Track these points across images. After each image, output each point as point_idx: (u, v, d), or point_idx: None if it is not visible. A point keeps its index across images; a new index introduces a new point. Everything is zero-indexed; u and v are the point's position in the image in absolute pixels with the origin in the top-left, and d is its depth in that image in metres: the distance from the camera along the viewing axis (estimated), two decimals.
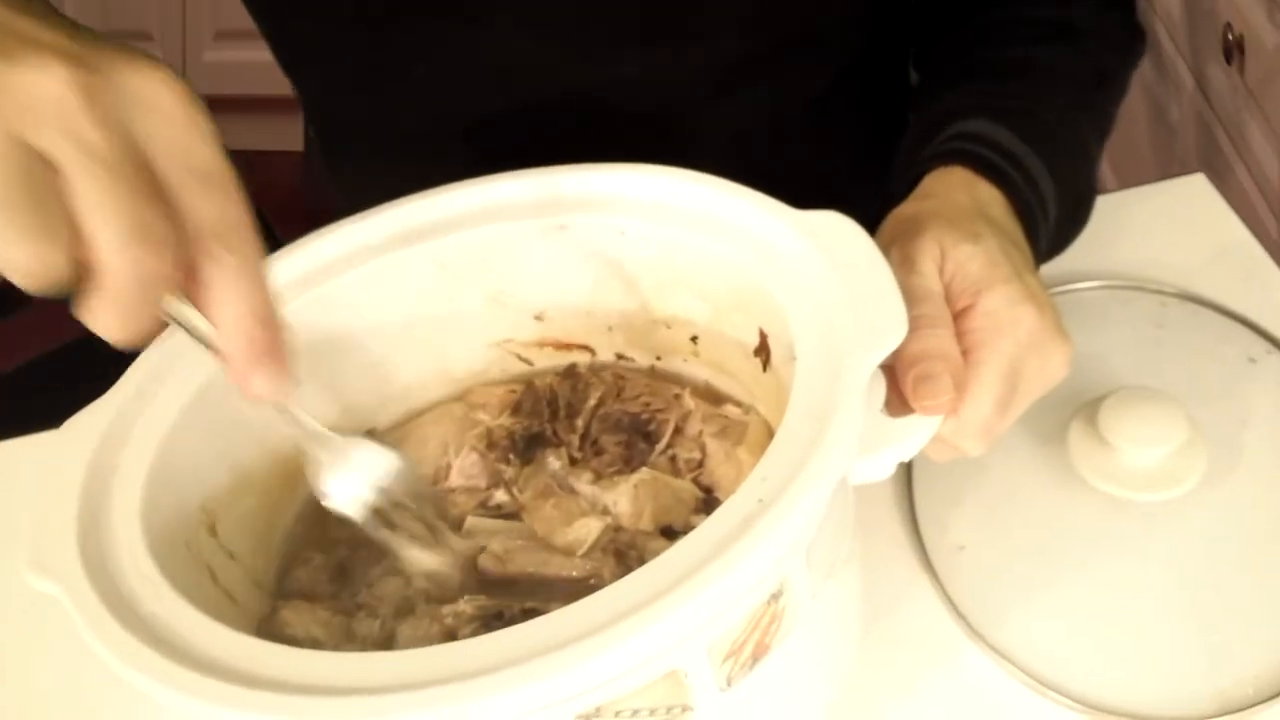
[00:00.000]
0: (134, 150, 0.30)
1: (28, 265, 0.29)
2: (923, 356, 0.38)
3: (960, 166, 0.47)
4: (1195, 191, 0.65)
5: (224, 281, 0.31)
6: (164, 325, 0.32)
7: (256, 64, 0.68)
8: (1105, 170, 1.29)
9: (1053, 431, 0.51)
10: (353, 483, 0.37)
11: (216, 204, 0.31)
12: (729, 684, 0.35)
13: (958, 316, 0.41)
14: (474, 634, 0.36)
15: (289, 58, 0.64)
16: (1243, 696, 0.43)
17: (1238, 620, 0.46)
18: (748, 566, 0.32)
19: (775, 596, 0.35)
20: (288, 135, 0.71)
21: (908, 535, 0.50)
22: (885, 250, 0.42)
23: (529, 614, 0.38)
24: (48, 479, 0.39)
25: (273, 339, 0.32)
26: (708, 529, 0.33)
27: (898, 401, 0.39)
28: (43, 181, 0.29)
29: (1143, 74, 0.87)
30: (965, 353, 0.40)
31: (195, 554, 0.41)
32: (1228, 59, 1.04)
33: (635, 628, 0.30)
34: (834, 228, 0.41)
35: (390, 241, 0.46)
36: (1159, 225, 0.62)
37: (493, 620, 0.38)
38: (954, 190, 0.46)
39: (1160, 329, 0.57)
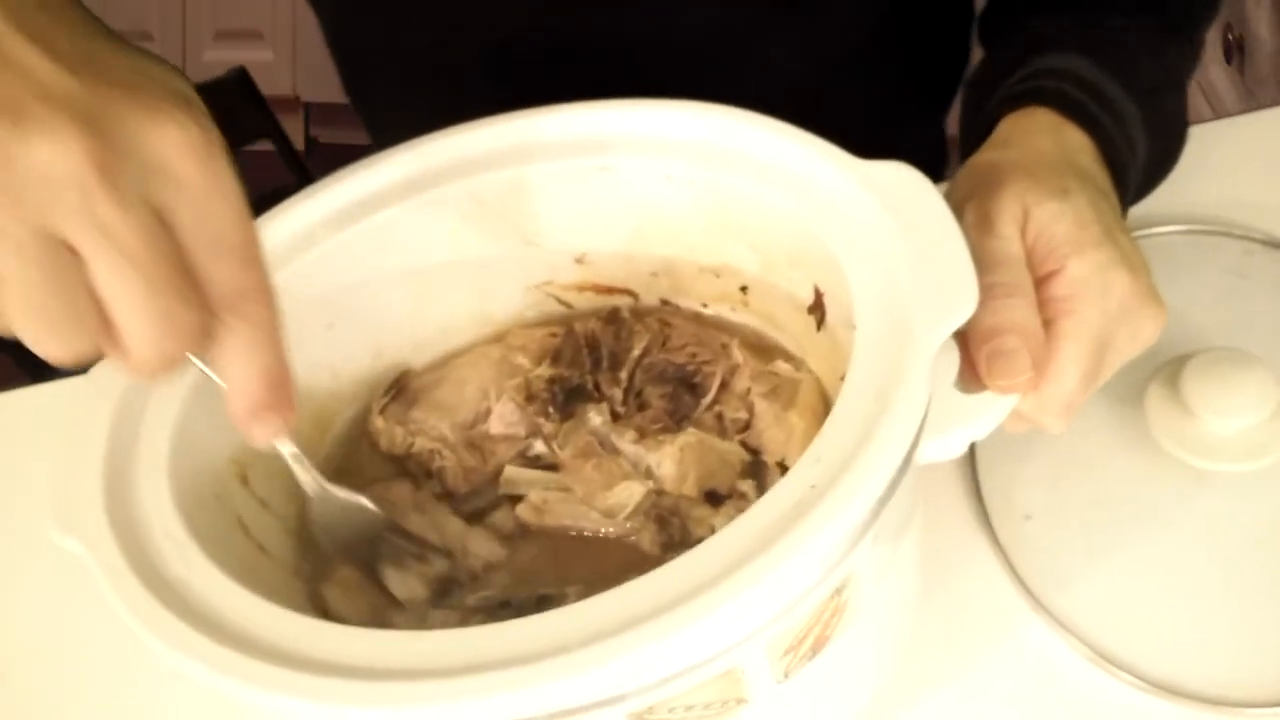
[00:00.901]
0: (155, 227, 0.29)
1: (57, 354, 0.30)
2: (998, 330, 0.35)
3: (1044, 108, 0.43)
4: (1277, 125, 0.60)
5: (236, 347, 0.32)
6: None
7: (256, 64, 0.65)
8: None
9: (1128, 393, 0.48)
10: (338, 528, 0.39)
11: (234, 272, 0.31)
12: (786, 676, 0.33)
13: (1042, 282, 0.37)
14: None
15: None
16: None
17: None
18: (800, 562, 0.30)
19: (839, 590, 0.33)
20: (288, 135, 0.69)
21: (970, 502, 0.48)
22: (961, 205, 0.39)
23: (542, 603, 0.37)
24: (72, 429, 0.38)
25: (275, 399, 0.33)
26: (755, 517, 0.31)
27: (971, 375, 0.36)
28: (67, 272, 0.29)
29: None
30: (1049, 323, 0.37)
31: (226, 506, 0.39)
32: (1228, 59, 1.00)
33: (691, 628, 0.29)
34: (900, 181, 0.37)
35: (427, 177, 0.43)
36: (1242, 162, 0.57)
37: (498, 610, 0.37)
38: (1038, 135, 0.42)
39: (1244, 279, 0.53)
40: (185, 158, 0.29)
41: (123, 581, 0.33)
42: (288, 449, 0.37)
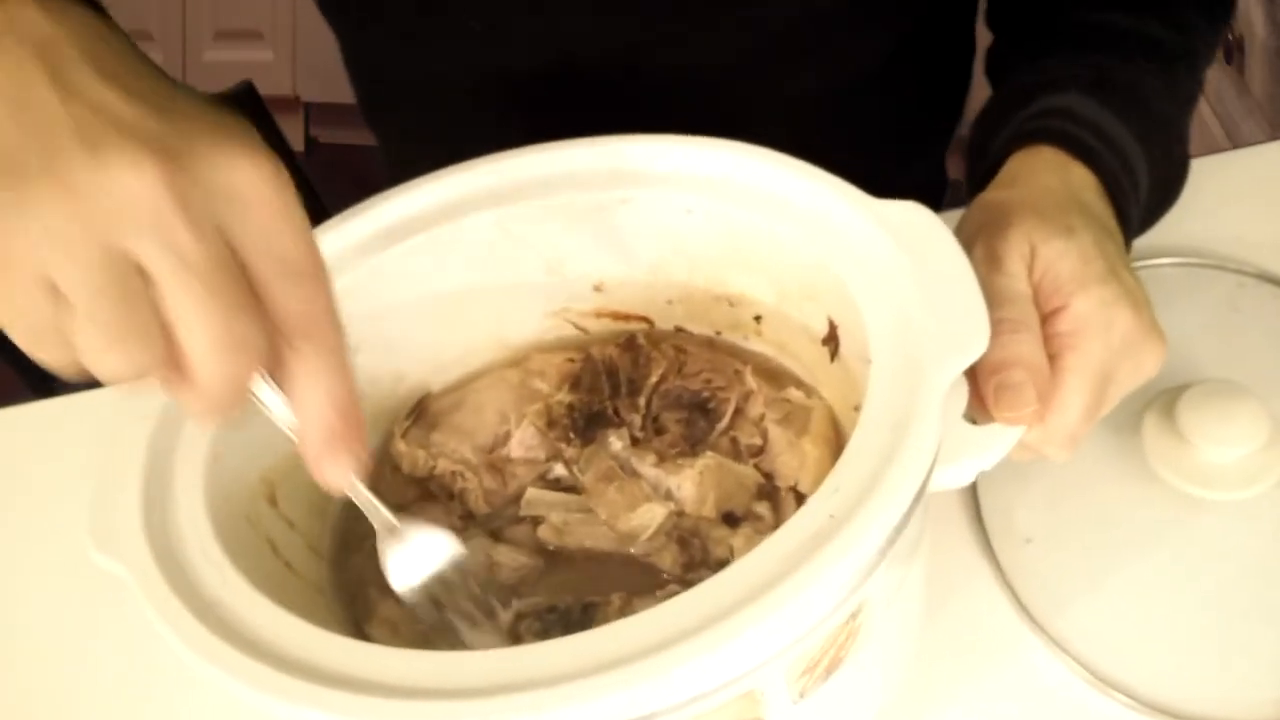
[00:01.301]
0: (225, 253, 0.30)
1: (118, 372, 0.30)
2: (1005, 364, 0.37)
3: (1050, 147, 0.44)
4: (1272, 160, 0.62)
5: (305, 374, 0.32)
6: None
7: (256, 64, 0.66)
8: None
9: (1126, 421, 0.50)
10: (414, 566, 0.39)
11: (303, 298, 0.31)
12: (801, 696, 0.34)
13: (1048, 318, 0.39)
14: (532, 631, 0.37)
15: (339, 9, 0.62)
16: None
17: None
18: (820, 592, 0.31)
19: (854, 615, 0.34)
20: (288, 135, 0.69)
21: (972, 526, 0.50)
22: (971, 242, 0.41)
23: (587, 610, 0.38)
24: (109, 450, 0.39)
25: (347, 429, 0.33)
26: (776, 545, 0.32)
27: (979, 407, 0.38)
28: (137, 291, 0.29)
29: None
30: (1054, 358, 0.38)
31: (256, 527, 0.41)
32: (1228, 59, 1.01)
33: (718, 653, 0.30)
34: (913, 220, 0.39)
35: (453, 207, 0.45)
36: (1235, 197, 0.59)
37: (545, 614, 0.38)
38: (1044, 174, 0.44)
39: (1236, 312, 0.55)
40: (257, 187, 0.30)
41: (165, 603, 0.34)
42: (361, 491, 0.37)
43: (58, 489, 0.57)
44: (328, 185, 0.82)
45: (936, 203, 0.72)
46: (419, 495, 0.46)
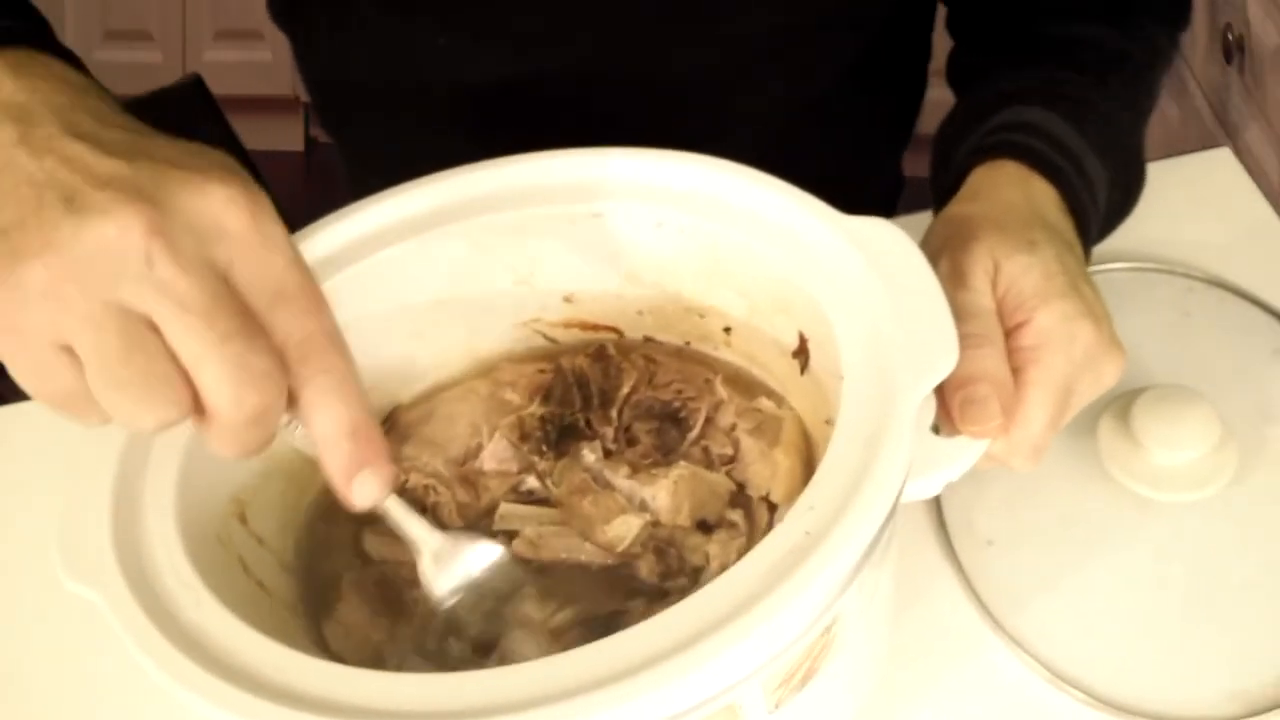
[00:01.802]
0: (221, 287, 0.30)
1: (145, 424, 0.30)
2: (970, 379, 0.38)
3: (1013, 161, 0.45)
4: (1220, 166, 0.63)
5: (316, 401, 0.32)
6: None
7: (256, 64, 0.65)
8: None
9: (1081, 425, 0.51)
10: (455, 575, 0.39)
11: (299, 321, 0.31)
12: (777, 707, 0.35)
13: (1011, 332, 0.40)
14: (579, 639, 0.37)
15: (296, 17, 0.61)
16: (1264, 699, 0.44)
17: (1261, 622, 0.47)
18: (800, 608, 0.32)
19: (828, 628, 0.35)
20: (288, 135, 0.69)
21: (934, 529, 0.51)
22: (935, 256, 0.41)
23: (614, 617, 0.39)
24: (77, 472, 0.38)
25: (365, 449, 0.32)
26: (754, 563, 0.33)
27: (945, 419, 0.39)
28: (146, 342, 0.29)
29: None
30: (1017, 371, 0.39)
31: (227, 546, 0.40)
32: (1228, 59, 1.03)
33: (701, 671, 0.31)
34: (882, 237, 0.40)
35: (425, 219, 0.45)
36: (1184, 201, 0.61)
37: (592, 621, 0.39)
38: (1006, 188, 0.45)
39: (1187, 316, 0.56)
40: (234, 216, 0.30)
41: (139, 629, 0.34)
42: (393, 508, 0.37)
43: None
44: (326, 186, 0.81)
45: (893, 201, 0.74)
46: None
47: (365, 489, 0.33)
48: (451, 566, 0.39)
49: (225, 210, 0.30)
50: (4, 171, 0.31)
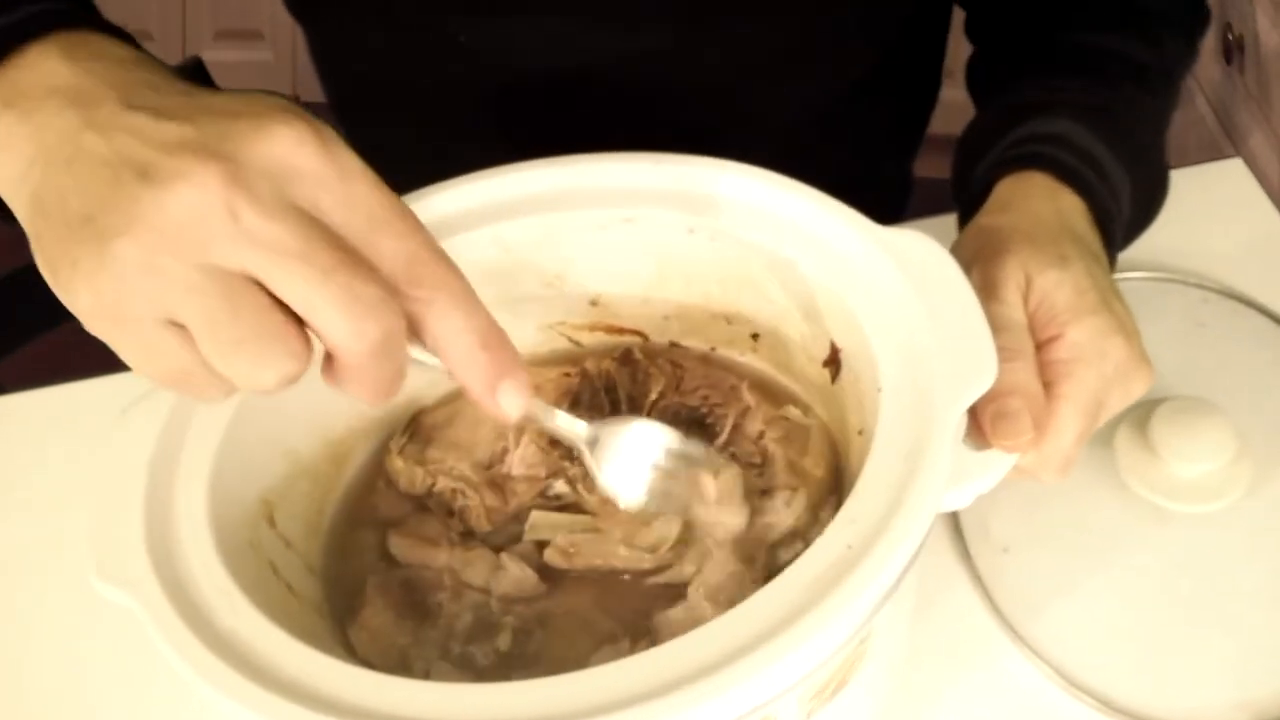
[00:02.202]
0: (309, 224, 0.30)
1: (269, 382, 0.30)
2: (1002, 392, 0.38)
3: (1041, 173, 0.45)
4: (1234, 177, 0.64)
5: (440, 320, 0.31)
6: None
7: (256, 64, 0.65)
8: None
9: (1099, 435, 0.51)
10: (628, 465, 0.38)
11: (401, 244, 0.31)
12: (808, 716, 0.35)
13: (1043, 345, 0.40)
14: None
15: (314, 10, 0.61)
16: (1272, 707, 0.45)
17: (1270, 633, 0.47)
18: (843, 622, 0.32)
19: (864, 640, 0.35)
20: None
21: (951, 535, 0.51)
22: (966, 268, 0.42)
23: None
24: (108, 475, 0.38)
25: (504, 359, 0.32)
26: (796, 576, 0.33)
27: (976, 431, 0.39)
28: (251, 295, 0.29)
29: None
30: (1049, 385, 0.39)
31: (257, 550, 0.40)
32: (1228, 59, 1.03)
33: (742, 686, 0.31)
34: (918, 250, 0.40)
35: (455, 221, 0.44)
36: (1198, 212, 0.61)
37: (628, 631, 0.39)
38: (1036, 200, 0.45)
39: (1202, 327, 0.57)
40: (306, 154, 0.30)
41: (178, 636, 0.34)
42: (540, 409, 0.36)
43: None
44: None
45: (903, 202, 0.74)
46: (414, 509, 0.45)
47: (510, 400, 0.32)
48: (610, 452, 0.38)
49: (296, 150, 0.30)
50: (76, 159, 0.30)
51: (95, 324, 0.31)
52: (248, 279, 0.29)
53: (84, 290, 0.30)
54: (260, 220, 0.29)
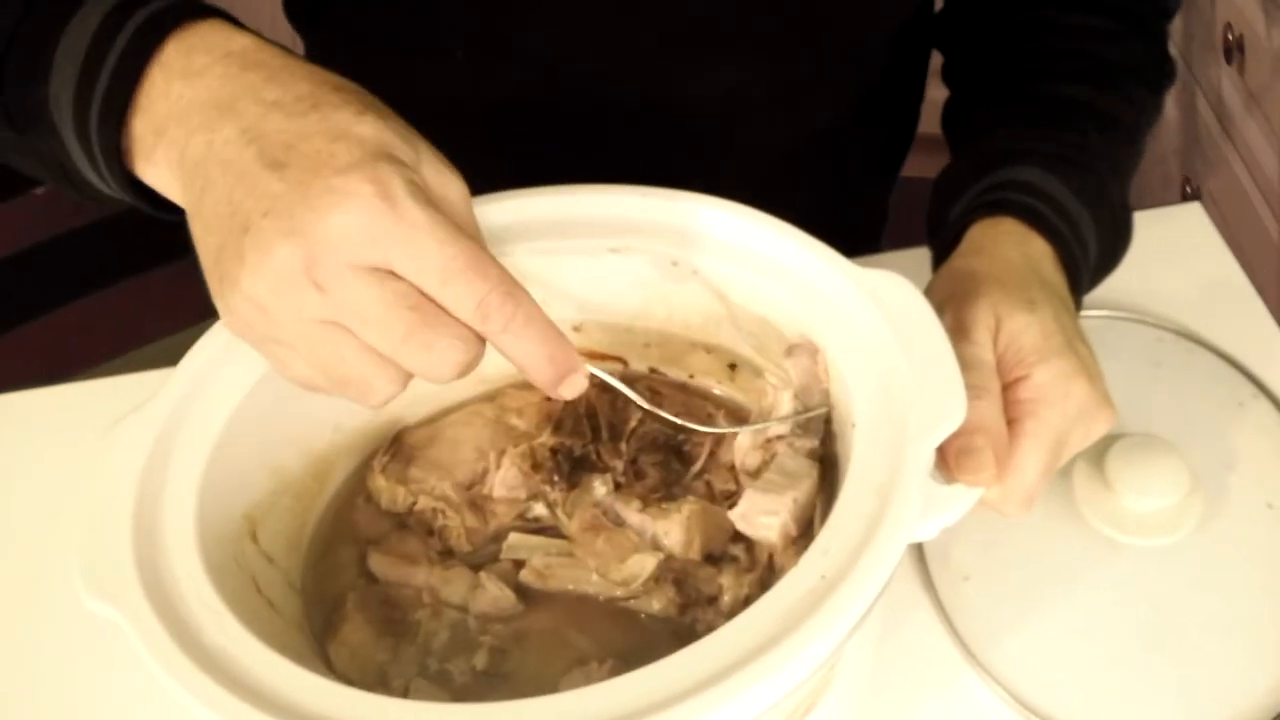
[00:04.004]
0: (383, 287, 0.34)
1: (454, 364, 0.35)
2: (967, 429, 0.39)
3: (1012, 218, 0.47)
4: (1191, 221, 0.67)
5: (511, 348, 0.36)
6: None
7: None
8: None
9: (1058, 470, 0.53)
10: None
11: (469, 290, 0.35)
12: None
13: (1010, 386, 0.42)
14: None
15: (314, 24, 0.61)
16: None
17: (1217, 662, 0.49)
18: (815, 650, 0.33)
19: (832, 666, 0.36)
20: None
21: (914, 564, 0.53)
22: (940, 309, 0.43)
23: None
24: (97, 490, 0.38)
25: (564, 364, 0.37)
26: (770, 604, 0.34)
27: (944, 468, 0.40)
28: (347, 340, 0.34)
29: None
30: (1014, 423, 0.41)
31: (241, 566, 0.41)
32: (1228, 59, 1.04)
33: (721, 710, 0.32)
34: (893, 290, 0.41)
35: None
36: (1157, 254, 0.63)
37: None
38: (1006, 245, 0.47)
39: (1158, 366, 0.59)
40: (375, 220, 0.34)
41: (164, 651, 0.34)
42: (602, 376, 0.41)
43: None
44: None
45: (877, 234, 0.76)
46: (394, 527, 0.46)
47: (570, 388, 0.37)
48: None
49: (367, 217, 0.33)
50: (207, 188, 0.35)
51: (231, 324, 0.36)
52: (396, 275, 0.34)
53: (224, 314, 0.36)
54: (339, 287, 0.34)
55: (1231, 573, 0.52)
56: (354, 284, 0.34)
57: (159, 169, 0.38)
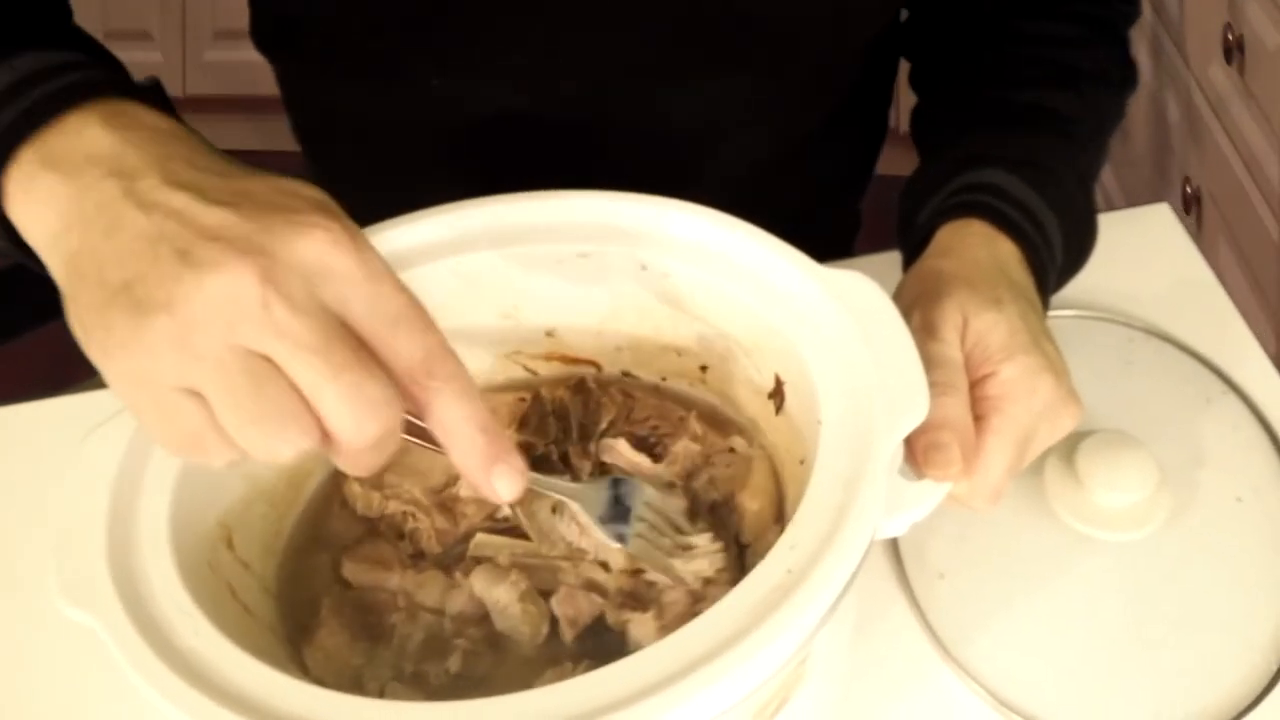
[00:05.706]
0: (334, 323, 0.32)
1: (279, 453, 0.32)
2: (934, 425, 0.40)
3: (980, 220, 0.48)
4: (1160, 222, 0.67)
5: (446, 406, 0.33)
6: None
7: (256, 64, 0.66)
8: (1104, 173, 1.30)
9: (1030, 467, 0.53)
10: (619, 517, 0.42)
11: (419, 340, 0.33)
12: None
13: (977, 383, 0.43)
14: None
15: (283, 48, 0.62)
16: None
17: (1188, 654, 0.50)
18: (783, 643, 0.34)
19: (804, 660, 0.37)
20: (288, 135, 0.69)
21: (889, 561, 0.53)
22: (908, 309, 0.44)
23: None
24: (71, 499, 0.39)
25: (499, 444, 0.34)
26: (738, 599, 0.35)
27: (912, 464, 0.41)
28: (270, 377, 0.31)
29: (1142, 74, 0.88)
30: (980, 418, 0.42)
31: (217, 572, 0.41)
32: (1228, 59, 1.04)
33: (692, 702, 0.32)
34: (859, 290, 0.42)
35: (415, 252, 0.46)
36: (1127, 254, 0.65)
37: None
38: (975, 247, 0.47)
39: (1129, 364, 0.60)
40: (339, 256, 0.32)
41: (140, 657, 0.34)
42: (539, 483, 0.39)
43: None
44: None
45: (850, 240, 0.77)
46: (366, 532, 0.47)
47: (504, 482, 0.34)
48: (603, 510, 0.42)
49: (330, 251, 0.32)
50: (116, 229, 0.33)
51: (119, 385, 0.33)
52: (269, 362, 0.31)
53: (116, 354, 0.32)
54: (287, 314, 0.31)
55: (1201, 566, 0.53)
56: (305, 310, 0.32)
57: (32, 201, 0.36)
